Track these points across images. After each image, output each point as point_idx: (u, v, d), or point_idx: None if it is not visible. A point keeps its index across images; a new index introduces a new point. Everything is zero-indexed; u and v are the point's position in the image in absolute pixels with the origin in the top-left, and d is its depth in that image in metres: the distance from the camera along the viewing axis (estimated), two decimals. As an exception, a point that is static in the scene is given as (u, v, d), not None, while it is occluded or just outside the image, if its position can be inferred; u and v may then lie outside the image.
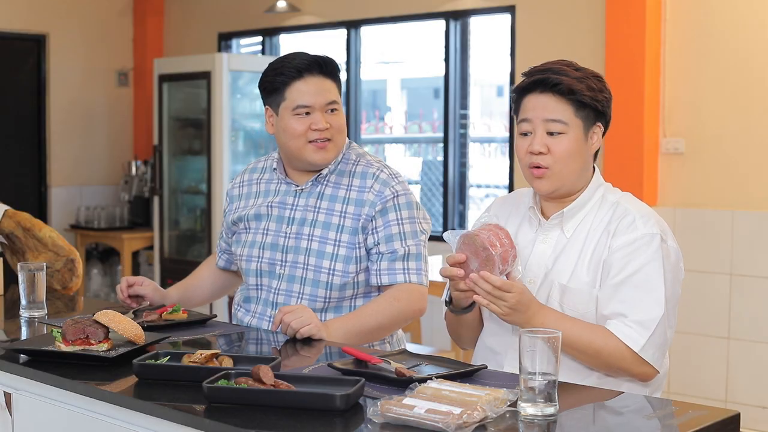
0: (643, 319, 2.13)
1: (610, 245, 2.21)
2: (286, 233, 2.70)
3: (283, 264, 2.69)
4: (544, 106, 2.22)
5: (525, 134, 2.26)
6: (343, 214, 2.66)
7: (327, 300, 2.66)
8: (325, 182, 2.71)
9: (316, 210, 2.69)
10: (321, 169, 2.70)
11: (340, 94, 2.71)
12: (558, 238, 2.28)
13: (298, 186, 2.73)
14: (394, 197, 2.65)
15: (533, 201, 2.34)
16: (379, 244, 2.64)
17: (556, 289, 2.23)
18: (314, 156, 2.66)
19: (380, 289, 2.68)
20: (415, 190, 7.36)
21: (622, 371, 2.17)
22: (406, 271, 2.63)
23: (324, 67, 2.65)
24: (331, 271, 2.65)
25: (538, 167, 2.24)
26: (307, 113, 2.64)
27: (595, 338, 2.14)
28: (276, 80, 2.65)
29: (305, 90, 2.63)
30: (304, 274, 2.67)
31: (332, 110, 2.66)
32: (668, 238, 2.23)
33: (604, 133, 2.31)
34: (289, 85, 2.64)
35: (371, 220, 2.64)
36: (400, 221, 2.65)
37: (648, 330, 2.13)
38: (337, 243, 2.65)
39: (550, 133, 2.22)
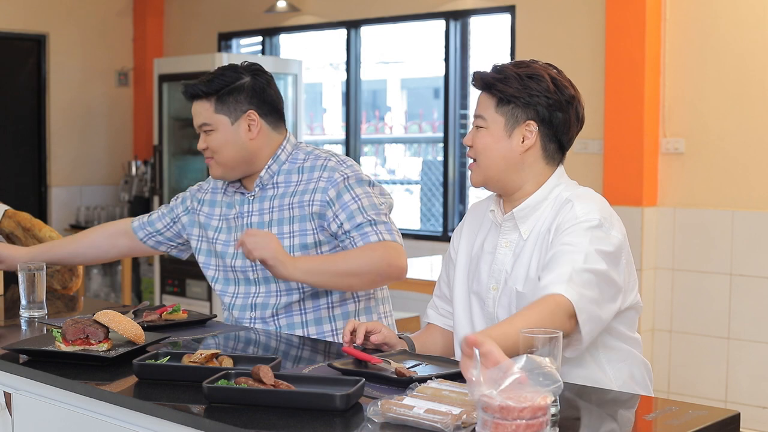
0: (559, 272, 2.05)
1: (552, 241, 2.17)
2: None
3: (255, 269, 2.73)
4: (478, 100, 2.29)
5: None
6: (290, 206, 2.71)
7: (302, 290, 2.69)
8: (275, 185, 2.75)
9: (270, 211, 2.75)
10: (253, 176, 2.78)
11: (229, 110, 2.71)
12: (517, 241, 2.27)
13: (249, 193, 2.79)
14: (344, 179, 2.68)
15: (495, 204, 2.34)
16: (342, 224, 2.66)
17: (514, 296, 2.22)
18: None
19: None
20: (415, 190, 7.37)
21: (561, 324, 2.01)
22: (377, 233, 2.64)
23: (193, 92, 2.73)
24: None
25: (471, 160, 2.30)
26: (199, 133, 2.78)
27: (541, 311, 2.01)
28: None
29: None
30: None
31: (207, 131, 2.73)
32: (611, 229, 2.16)
33: (558, 139, 2.26)
34: None
35: (329, 207, 2.66)
36: (356, 198, 2.67)
37: (565, 276, 2.03)
38: (291, 234, 2.69)
39: (477, 127, 2.27)
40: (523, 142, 2.23)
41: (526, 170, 2.26)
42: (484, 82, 2.25)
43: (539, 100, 2.22)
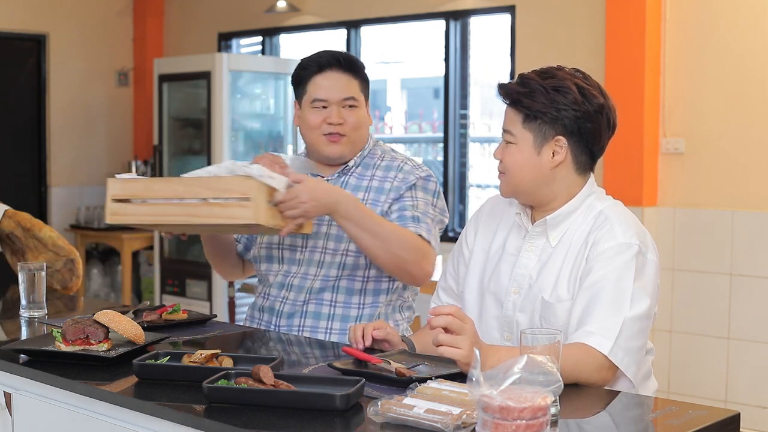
0: (607, 325, 2.06)
1: (587, 256, 2.16)
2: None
3: (303, 249, 2.73)
4: (505, 114, 2.25)
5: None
6: (364, 202, 2.69)
7: (338, 278, 2.69)
8: (350, 174, 2.76)
9: None
10: (344, 162, 2.75)
11: (365, 92, 2.76)
12: (543, 246, 2.24)
13: (323, 177, 2.76)
14: (416, 181, 2.71)
15: (520, 207, 2.31)
16: (392, 213, 2.67)
17: (538, 303, 2.20)
18: (326, 149, 2.72)
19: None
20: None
21: (587, 378, 2.05)
22: (417, 226, 2.63)
23: (344, 63, 2.72)
24: (345, 252, 2.69)
25: (500, 172, 2.27)
26: (324, 107, 2.70)
27: (574, 357, 2.01)
28: (300, 74, 2.76)
29: (323, 84, 2.71)
30: (322, 258, 2.71)
31: (350, 106, 2.71)
32: (648, 252, 2.16)
33: (589, 150, 2.23)
34: (310, 79, 2.73)
35: (392, 204, 2.68)
36: (414, 199, 2.68)
37: (613, 332, 2.05)
38: None
39: (506, 142, 2.24)
40: (553, 157, 2.20)
41: (558, 183, 2.23)
42: (509, 96, 2.21)
43: (566, 114, 2.17)
